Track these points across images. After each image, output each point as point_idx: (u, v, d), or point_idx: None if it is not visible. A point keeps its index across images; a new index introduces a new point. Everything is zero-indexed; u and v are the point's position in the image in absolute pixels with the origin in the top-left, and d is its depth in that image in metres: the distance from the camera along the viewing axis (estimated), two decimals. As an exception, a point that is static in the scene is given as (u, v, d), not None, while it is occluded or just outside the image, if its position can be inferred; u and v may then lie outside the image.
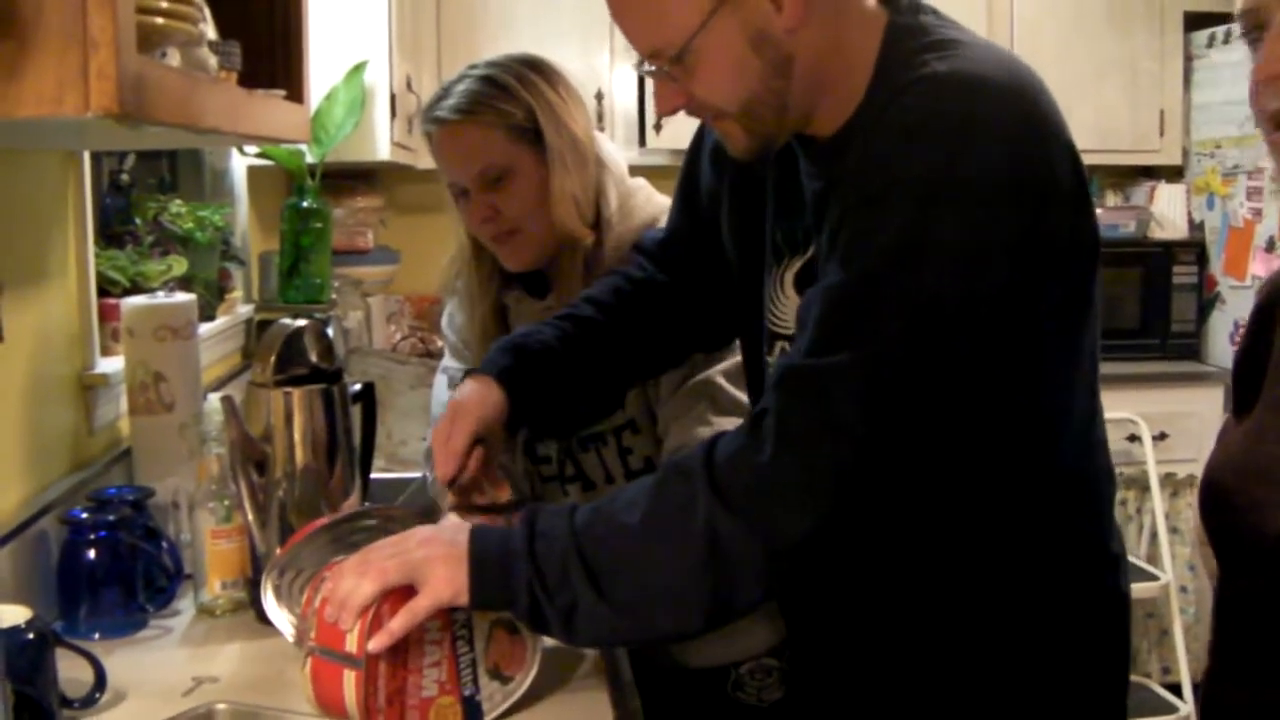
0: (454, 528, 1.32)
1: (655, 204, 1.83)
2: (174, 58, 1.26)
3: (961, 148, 1.17)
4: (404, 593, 1.26)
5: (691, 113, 1.33)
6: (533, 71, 1.78)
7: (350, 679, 1.23)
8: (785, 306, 1.42)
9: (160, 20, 1.18)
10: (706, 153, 1.56)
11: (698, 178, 1.59)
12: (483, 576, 1.26)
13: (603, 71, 4.00)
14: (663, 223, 1.76)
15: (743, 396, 1.70)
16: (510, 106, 1.75)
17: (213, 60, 1.39)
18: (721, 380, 1.73)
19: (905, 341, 1.18)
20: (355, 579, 1.25)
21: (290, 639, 1.38)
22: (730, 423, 1.69)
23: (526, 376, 1.54)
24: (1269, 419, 1.08)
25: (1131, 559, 3.72)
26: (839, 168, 1.27)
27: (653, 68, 1.29)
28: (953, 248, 1.17)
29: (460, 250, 1.89)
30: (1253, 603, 1.06)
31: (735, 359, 1.68)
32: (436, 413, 2.03)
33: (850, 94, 1.28)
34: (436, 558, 1.27)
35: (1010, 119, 1.19)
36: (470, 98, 1.75)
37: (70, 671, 1.34)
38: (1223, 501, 1.09)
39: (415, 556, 1.27)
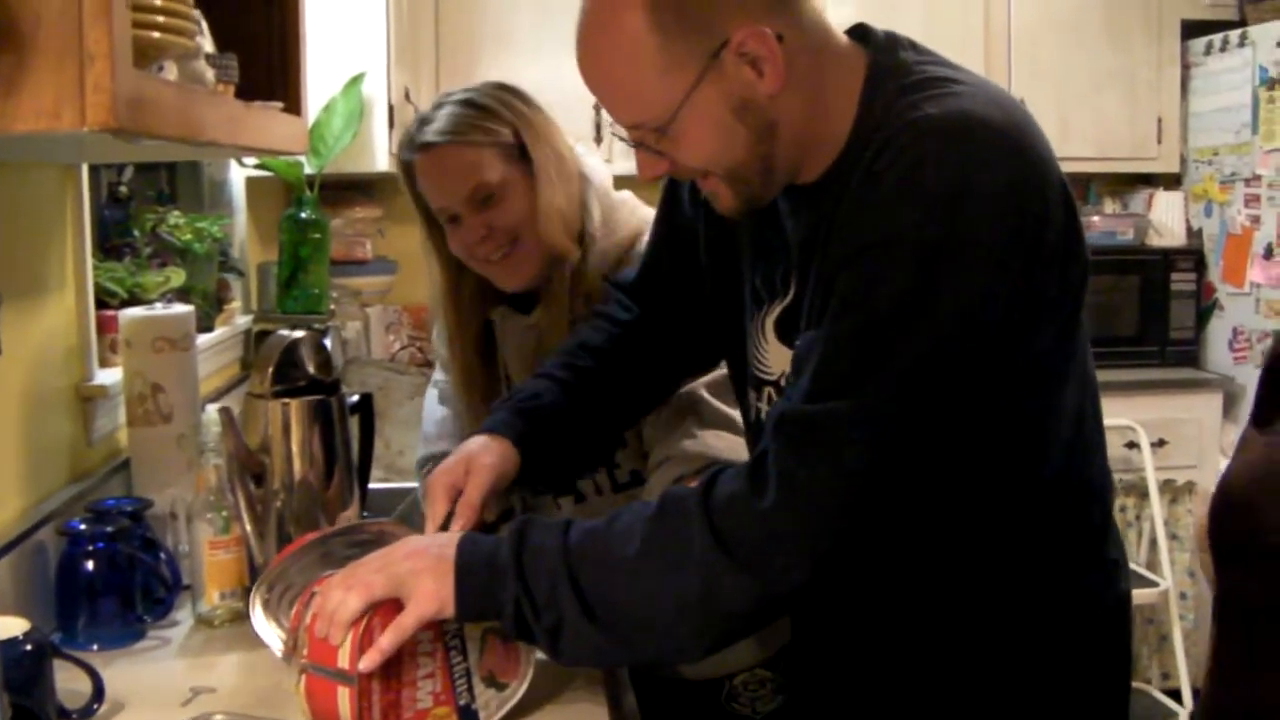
0: (442, 540, 1.32)
1: (639, 217, 1.84)
2: (171, 71, 1.26)
3: (960, 198, 1.16)
4: (395, 605, 1.26)
5: (675, 175, 1.32)
6: (508, 93, 1.80)
7: (345, 695, 1.23)
8: (768, 352, 1.42)
9: (157, 34, 1.18)
10: (686, 189, 1.55)
11: (677, 210, 1.59)
12: (469, 589, 1.26)
13: (601, 81, 4.00)
14: (647, 236, 1.77)
15: (727, 410, 1.70)
16: (497, 125, 1.76)
17: (210, 73, 1.39)
18: (706, 394, 1.73)
19: (905, 389, 1.17)
20: (342, 593, 1.25)
21: (278, 654, 1.38)
22: (715, 435, 1.70)
23: (540, 439, 1.54)
24: None
25: (1130, 565, 3.71)
26: (826, 212, 1.26)
27: (634, 139, 1.28)
28: (952, 300, 1.17)
29: (435, 289, 1.90)
30: (1268, 609, 1.05)
31: (720, 372, 1.68)
32: (428, 427, 2.03)
33: (833, 139, 1.28)
34: (422, 570, 1.26)
35: (1007, 161, 1.19)
36: (456, 120, 1.76)
37: (68, 683, 1.34)
38: (1243, 512, 1.08)
39: (401, 569, 1.27)
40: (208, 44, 1.41)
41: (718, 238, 1.48)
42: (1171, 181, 4.43)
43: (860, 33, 1.33)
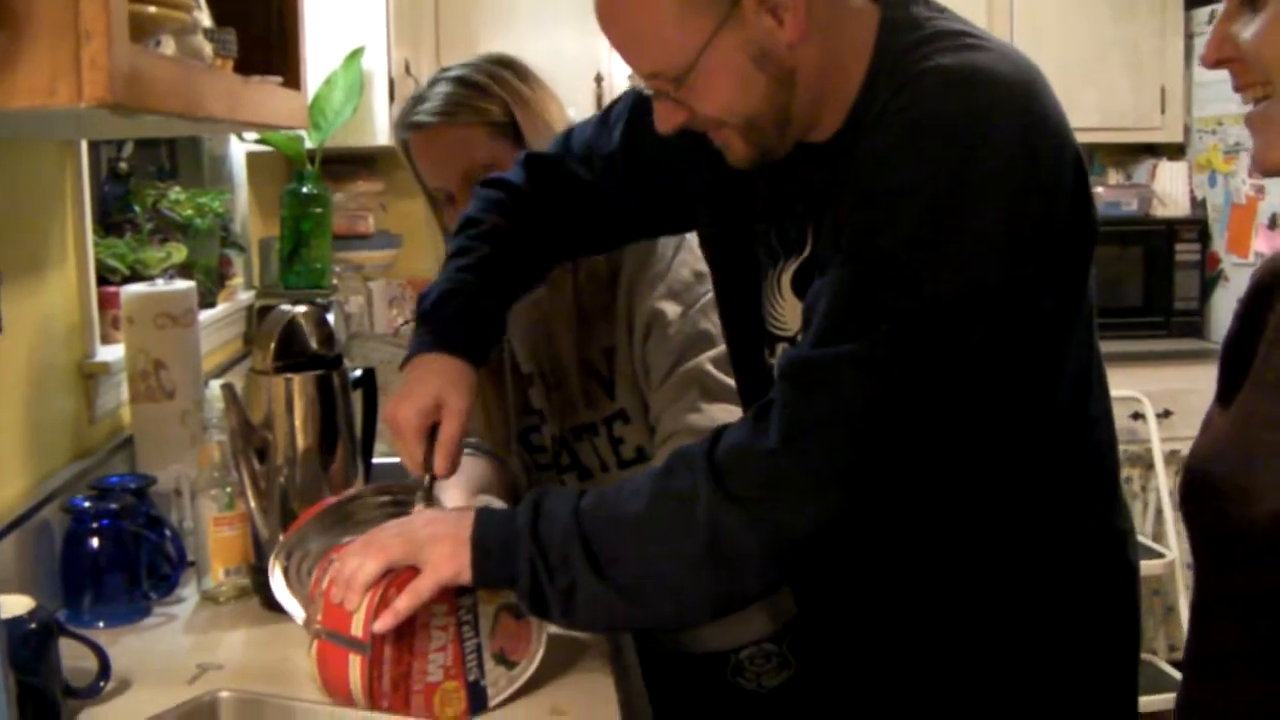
0: (460, 509, 1.33)
1: None
2: (168, 46, 1.25)
3: (970, 149, 1.16)
4: (411, 575, 1.26)
5: (693, 126, 1.31)
6: (503, 69, 1.78)
7: (356, 663, 1.24)
8: (783, 308, 1.41)
9: (153, 9, 1.17)
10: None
11: (652, 134, 1.47)
12: (485, 554, 1.27)
13: (602, 54, 3.97)
14: None
15: (732, 383, 1.69)
16: (487, 104, 1.74)
17: (208, 48, 1.38)
18: (711, 368, 1.72)
19: (910, 334, 1.17)
20: (360, 558, 1.27)
21: (299, 622, 1.38)
22: (721, 409, 1.69)
23: (477, 336, 1.53)
24: (1259, 403, 1.04)
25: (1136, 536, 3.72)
26: (840, 165, 1.26)
27: (652, 89, 1.28)
28: (959, 247, 1.17)
29: (441, 264, 1.88)
30: (1239, 595, 1.03)
31: (725, 347, 1.67)
32: None
33: (847, 90, 1.28)
34: (440, 536, 1.28)
35: (1018, 116, 1.19)
36: (447, 100, 1.75)
37: (75, 660, 1.34)
38: (1208, 492, 1.06)
39: (419, 535, 1.28)
40: (205, 18, 1.40)
41: (725, 193, 1.47)
42: (1175, 151, 4.42)
43: None
